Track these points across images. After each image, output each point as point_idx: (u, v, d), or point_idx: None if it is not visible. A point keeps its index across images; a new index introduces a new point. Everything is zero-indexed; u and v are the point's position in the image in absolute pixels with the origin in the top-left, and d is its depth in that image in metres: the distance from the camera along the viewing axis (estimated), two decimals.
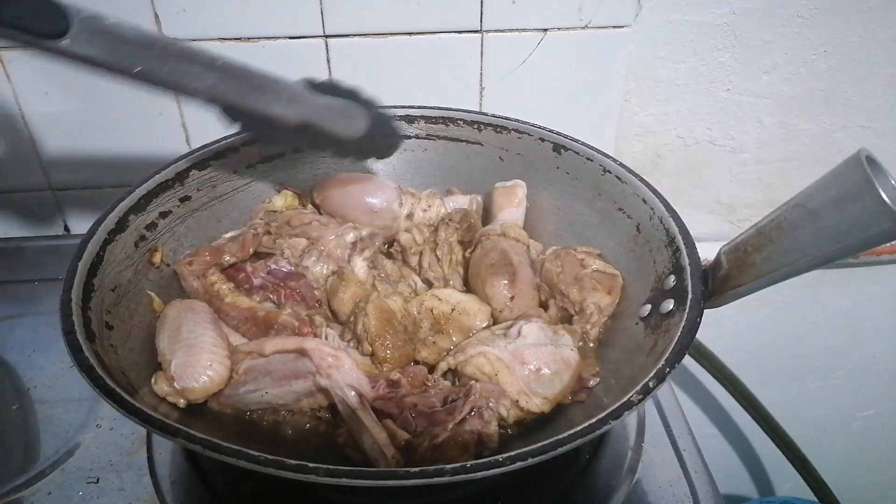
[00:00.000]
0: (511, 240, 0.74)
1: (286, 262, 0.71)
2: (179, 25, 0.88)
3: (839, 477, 1.28)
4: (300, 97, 0.59)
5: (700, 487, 0.68)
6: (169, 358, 0.57)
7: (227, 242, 0.72)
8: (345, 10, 0.89)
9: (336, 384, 0.56)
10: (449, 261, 0.74)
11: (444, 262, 0.74)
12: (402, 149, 0.83)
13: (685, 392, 1.37)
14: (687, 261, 0.60)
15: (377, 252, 0.75)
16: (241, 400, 0.58)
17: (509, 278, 0.69)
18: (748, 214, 1.16)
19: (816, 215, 0.48)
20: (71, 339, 0.52)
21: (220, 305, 0.67)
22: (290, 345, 0.59)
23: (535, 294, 0.71)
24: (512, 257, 0.70)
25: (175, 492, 0.65)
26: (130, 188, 0.68)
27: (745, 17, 0.95)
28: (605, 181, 0.74)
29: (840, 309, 1.28)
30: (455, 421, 0.54)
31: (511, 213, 0.78)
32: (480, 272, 0.71)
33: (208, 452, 0.45)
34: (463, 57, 0.94)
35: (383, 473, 0.45)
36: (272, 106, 0.56)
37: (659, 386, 0.50)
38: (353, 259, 0.71)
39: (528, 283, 0.70)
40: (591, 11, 0.91)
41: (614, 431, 0.73)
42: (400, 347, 0.62)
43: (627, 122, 1.04)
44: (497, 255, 0.71)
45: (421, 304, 0.68)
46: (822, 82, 1.01)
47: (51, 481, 0.66)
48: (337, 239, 0.73)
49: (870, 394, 1.42)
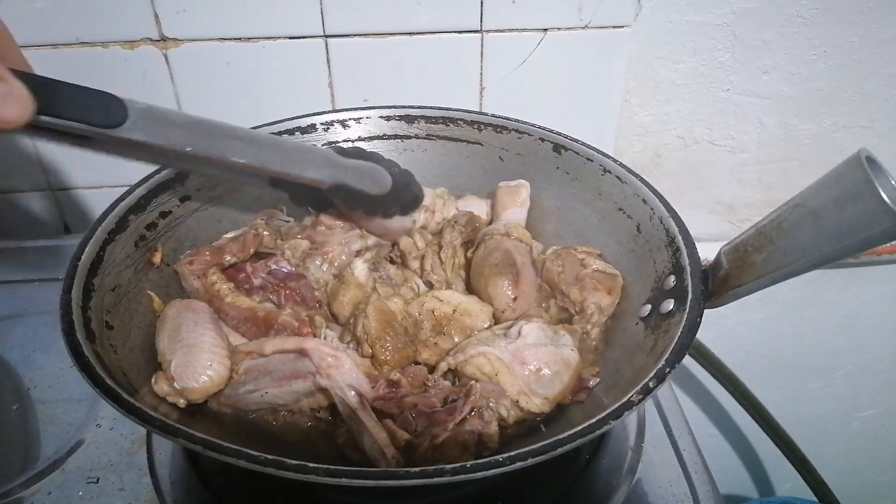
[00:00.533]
0: (514, 240, 0.74)
1: (286, 262, 0.71)
2: (179, 25, 0.88)
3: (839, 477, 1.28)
4: (332, 161, 0.63)
5: (700, 487, 0.68)
6: (169, 358, 0.57)
7: (228, 242, 0.72)
8: (345, 10, 0.89)
9: (336, 384, 0.56)
10: (452, 264, 0.74)
11: (447, 265, 0.74)
12: (403, 149, 0.83)
13: (685, 392, 1.37)
14: (687, 261, 0.60)
15: (380, 256, 0.75)
16: (240, 400, 0.58)
17: (512, 279, 0.69)
18: (748, 214, 1.16)
19: (817, 215, 0.48)
20: (71, 339, 0.52)
21: (221, 305, 0.67)
22: (289, 345, 0.59)
23: (537, 294, 0.71)
24: (515, 258, 0.70)
25: (175, 492, 0.65)
26: (130, 188, 0.68)
27: (745, 17, 0.95)
28: (605, 181, 0.74)
29: (840, 309, 1.28)
30: (455, 421, 0.54)
31: (514, 212, 0.78)
32: (483, 271, 0.71)
33: (208, 452, 0.45)
34: (463, 57, 0.94)
35: (383, 473, 0.45)
36: (308, 171, 0.61)
37: (659, 386, 0.50)
38: (354, 262, 0.71)
39: (530, 283, 0.70)
40: (591, 11, 0.91)
41: (614, 431, 0.73)
42: (400, 349, 0.62)
43: (627, 122, 1.04)
44: (501, 255, 0.71)
45: (422, 305, 0.68)
46: (822, 82, 1.01)
47: (51, 481, 0.66)
48: (341, 247, 0.72)
49: (870, 394, 1.42)
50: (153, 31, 0.88)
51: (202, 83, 0.93)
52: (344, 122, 0.82)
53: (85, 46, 0.88)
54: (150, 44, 0.89)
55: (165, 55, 0.90)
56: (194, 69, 0.92)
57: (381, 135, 0.83)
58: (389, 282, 0.72)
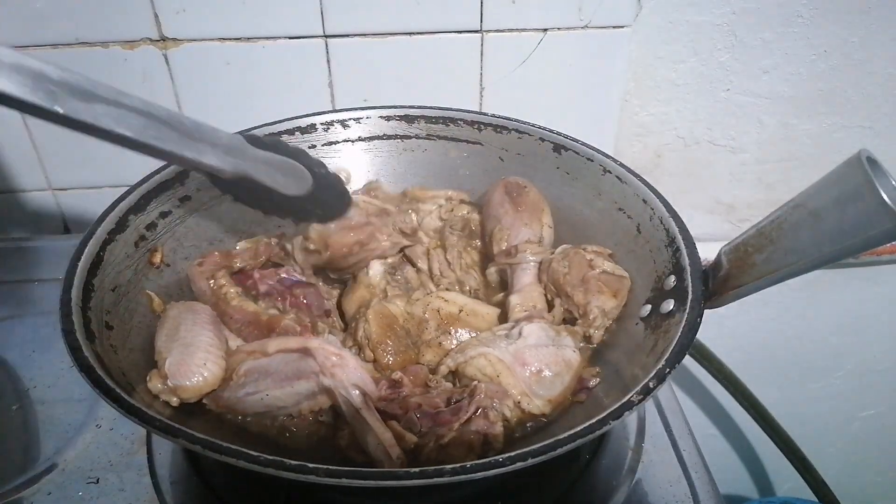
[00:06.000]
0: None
1: (297, 273, 0.72)
2: (179, 25, 0.88)
3: (839, 477, 1.28)
4: (237, 148, 0.55)
5: (700, 487, 0.68)
6: (164, 356, 0.57)
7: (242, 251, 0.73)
8: (345, 10, 0.89)
9: (340, 384, 0.56)
10: (460, 264, 0.74)
11: (455, 266, 0.74)
12: (403, 149, 0.83)
13: (685, 392, 1.37)
14: (687, 261, 0.60)
15: (401, 259, 0.75)
16: (239, 403, 0.57)
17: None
18: (748, 214, 1.16)
19: (817, 216, 0.48)
20: (71, 339, 0.52)
21: (226, 308, 0.67)
22: (293, 344, 0.59)
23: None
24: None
25: (175, 492, 0.65)
26: (130, 188, 0.68)
27: (745, 17, 0.95)
28: (605, 181, 0.74)
29: (840, 309, 1.28)
30: (461, 421, 0.54)
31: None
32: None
33: (208, 452, 0.45)
34: (463, 57, 0.94)
35: (383, 474, 0.45)
36: (205, 155, 0.52)
37: (659, 386, 0.50)
38: (372, 262, 0.71)
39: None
40: (591, 11, 0.91)
41: (614, 431, 0.73)
42: (402, 353, 0.62)
43: (627, 122, 1.04)
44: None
45: (427, 304, 0.68)
46: (822, 82, 1.01)
47: (51, 481, 0.66)
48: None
49: (870, 394, 1.42)
50: (153, 31, 0.88)
51: (202, 83, 0.93)
52: (344, 122, 0.82)
53: (85, 46, 0.88)
54: (150, 44, 0.89)
55: (165, 55, 0.90)
56: (194, 69, 0.92)
57: (381, 135, 0.83)
58: (405, 285, 0.72)
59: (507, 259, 0.72)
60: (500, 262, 0.73)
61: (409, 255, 0.75)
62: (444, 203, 0.80)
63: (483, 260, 0.77)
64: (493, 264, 0.74)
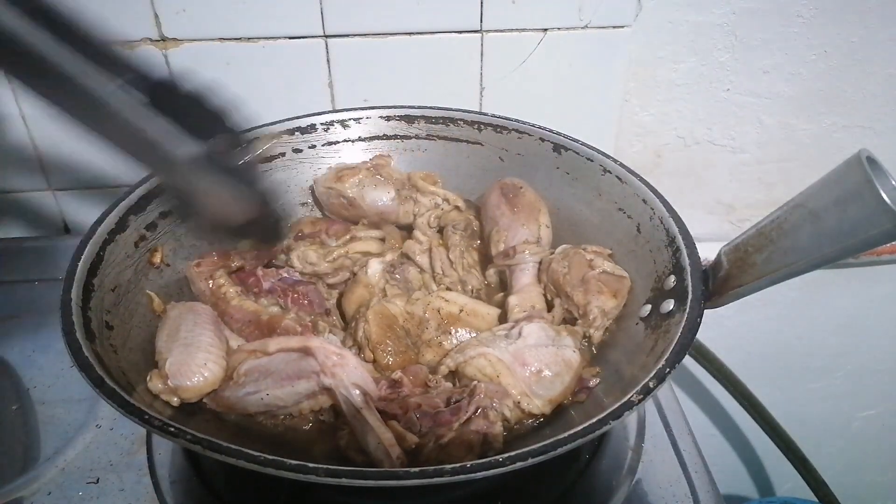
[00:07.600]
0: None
1: (298, 273, 0.72)
2: (179, 25, 0.88)
3: (839, 477, 1.28)
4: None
5: (700, 487, 0.68)
6: (165, 356, 0.57)
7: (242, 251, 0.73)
8: (345, 10, 0.89)
9: (340, 383, 0.56)
10: (462, 264, 0.74)
11: (457, 265, 0.74)
12: (403, 149, 0.83)
13: (685, 392, 1.37)
14: (687, 261, 0.60)
15: (401, 258, 0.75)
16: (240, 402, 0.57)
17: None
18: (748, 214, 1.16)
19: (817, 216, 0.48)
20: (71, 340, 0.52)
21: (226, 308, 0.67)
22: (294, 343, 0.59)
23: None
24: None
25: (175, 492, 0.65)
26: (130, 188, 0.68)
27: (745, 17, 0.95)
28: (605, 181, 0.74)
29: (840, 309, 1.28)
30: (460, 421, 0.53)
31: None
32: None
33: (208, 452, 0.45)
34: (463, 57, 0.94)
35: (383, 474, 0.45)
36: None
37: (659, 386, 0.50)
38: (371, 261, 0.71)
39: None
40: (591, 11, 0.91)
41: (614, 431, 0.73)
42: (402, 353, 0.62)
43: (627, 122, 1.04)
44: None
45: (427, 304, 0.68)
46: (822, 82, 1.01)
47: (51, 481, 0.66)
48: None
49: (870, 394, 1.42)
50: (153, 31, 0.88)
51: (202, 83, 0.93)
52: (344, 122, 0.82)
53: None
54: (150, 44, 0.89)
55: (165, 55, 0.90)
56: (194, 69, 0.92)
57: (381, 135, 0.83)
58: (406, 285, 0.72)
59: (506, 260, 0.72)
60: (498, 264, 0.73)
61: (405, 251, 0.75)
62: (442, 203, 0.80)
63: (484, 260, 0.77)
64: (492, 266, 0.75)
